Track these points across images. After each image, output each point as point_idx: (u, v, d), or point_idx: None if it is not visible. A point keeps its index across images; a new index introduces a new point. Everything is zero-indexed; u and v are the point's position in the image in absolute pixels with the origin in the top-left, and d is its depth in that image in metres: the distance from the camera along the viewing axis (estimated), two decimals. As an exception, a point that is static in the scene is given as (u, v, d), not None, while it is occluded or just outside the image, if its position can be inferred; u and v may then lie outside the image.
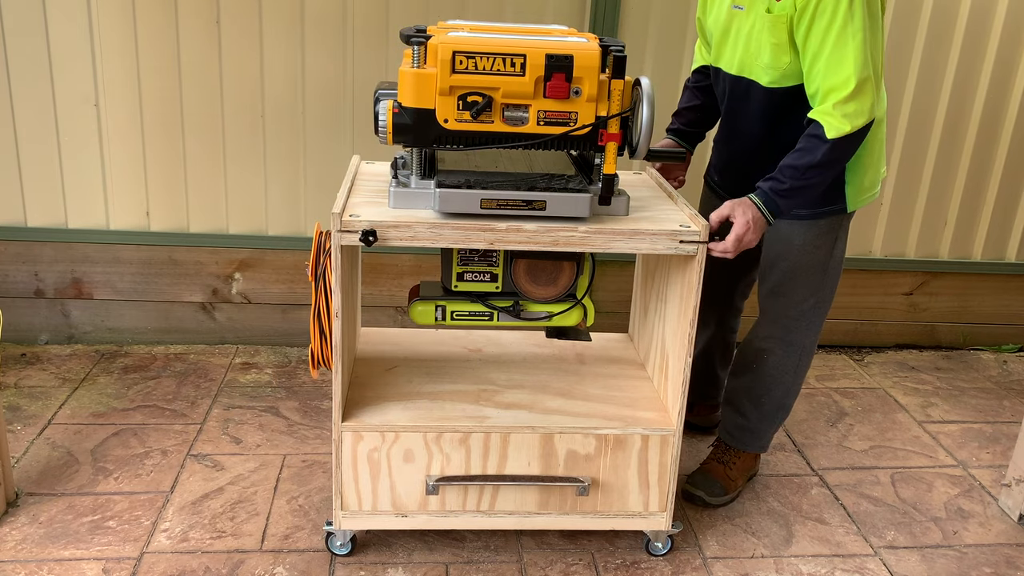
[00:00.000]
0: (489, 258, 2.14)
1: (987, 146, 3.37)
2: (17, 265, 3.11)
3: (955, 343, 3.65)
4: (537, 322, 2.23)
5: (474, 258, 2.13)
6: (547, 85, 1.85)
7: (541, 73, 1.84)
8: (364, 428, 2.07)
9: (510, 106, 1.88)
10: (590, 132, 1.91)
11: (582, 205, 1.95)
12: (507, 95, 1.86)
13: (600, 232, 1.94)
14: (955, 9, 3.17)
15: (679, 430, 2.13)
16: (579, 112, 1.89)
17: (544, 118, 1.89)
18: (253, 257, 3.18)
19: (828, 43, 1.96)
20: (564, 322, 2.23)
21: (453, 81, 1.84)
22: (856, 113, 1.97)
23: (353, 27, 2.96)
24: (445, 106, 1.87)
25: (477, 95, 1.86)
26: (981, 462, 2.81)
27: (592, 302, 2.26)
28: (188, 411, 2.82)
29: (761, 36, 2.08)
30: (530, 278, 2.14)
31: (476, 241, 1.93)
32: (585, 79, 1.86)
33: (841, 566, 2.29)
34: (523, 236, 1.93)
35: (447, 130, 1.89)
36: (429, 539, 2.28)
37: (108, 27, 2.88)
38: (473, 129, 1.89)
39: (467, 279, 2.15)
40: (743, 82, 2.18)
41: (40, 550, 2.17)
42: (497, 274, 2.15)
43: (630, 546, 2.30)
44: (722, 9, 2.19)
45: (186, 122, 3.01)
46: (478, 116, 1.87)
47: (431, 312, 2.18)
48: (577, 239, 1.94)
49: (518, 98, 1.87)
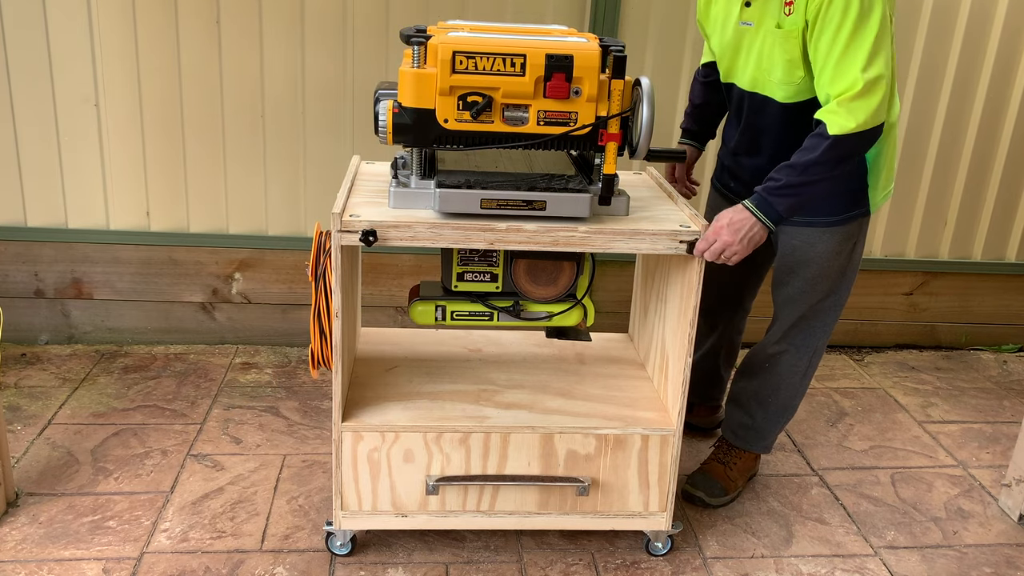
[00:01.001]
0: (489, 258, 2.14)
1: (987, 146, 3.37)
2: (17, 265, 3.11)
3: (955, 343, 3.65)
4: (537, 322, 2.23)
5: (474, 258, 2.13)
6: (547, 85, 1.85)
7: (541, 73, 1.84)
8: (364, 428, 2.07)
9: (510, 106, 1.88)
10: (590, 132, 1.91)
11: (582, 205, 1.95)
12: (507, 95, 1.86)
13: (600, 232, 1.94)
14: (955, 9, 3.17)
15: (679, 430, 2.13)
16: (579, 112, 1.89)
17: (544, 118, 1.89)
18: (253, 257, 3.18)
19: (836, 50, 1.92)
20: (564, 322, 2.23)
21: (453, 81, 1.84)
22: (862, 110, 1.92)
23: (353, 27, 2.96)
24: (445, 106, 1.87)
25: (477, 95, 1.85)
26: (981, 462, 2.81)
27: (592, 302, 2.26)
28: (188, 411, 2.82)
29: (773, 52, 2.05)
30: (530, 278, 2.14)
31: (476, 241, 1.93)
32: (585, 79, 1.85)
33: (841, 566, 2.29)
34: (523, 236, 1.93)
35: (447, 130, 1.89)
36: (429, 539, 2.28)
37: (108, 27, 2.88)
38: (473, 129, 1.89)
39: (467, 279, 2.15)
40: (758, 98, 2.15)
41: (40, 550, 2.17)
42: (497, 274, 2.15)
43: (630, 546, 2.30)
44: (728, 26, 2.16)
45: (186, 122, 3.01)
46: (478, 116, 1.87)
47: (431, 312, 2.18)
48: (577, 239, 1.94)
49: (518, 98, 1.87)
